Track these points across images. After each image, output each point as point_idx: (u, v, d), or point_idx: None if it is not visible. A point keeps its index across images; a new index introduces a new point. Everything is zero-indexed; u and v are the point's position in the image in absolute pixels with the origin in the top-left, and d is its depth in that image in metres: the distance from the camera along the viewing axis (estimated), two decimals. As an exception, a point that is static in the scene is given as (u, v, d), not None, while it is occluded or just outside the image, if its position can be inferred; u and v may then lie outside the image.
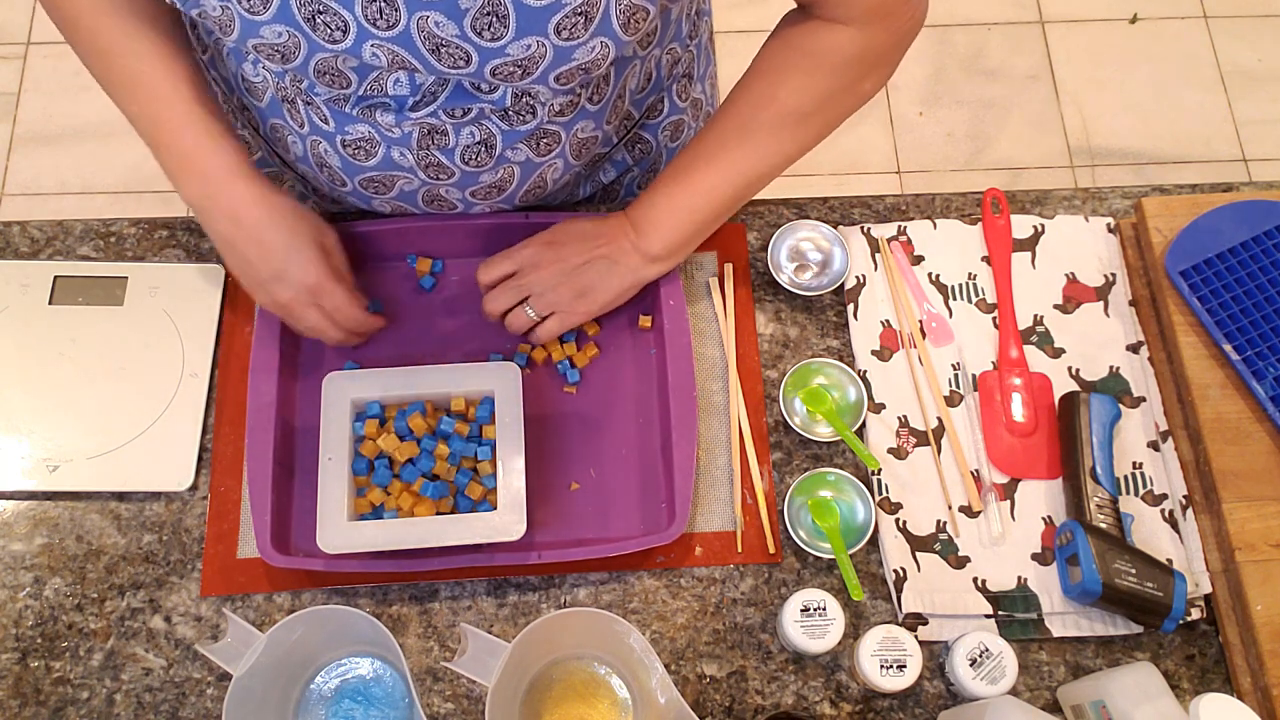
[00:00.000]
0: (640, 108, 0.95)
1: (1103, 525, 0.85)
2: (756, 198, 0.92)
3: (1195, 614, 0.85)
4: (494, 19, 0.66)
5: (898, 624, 0.84)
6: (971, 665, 0.80)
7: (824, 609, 0.81)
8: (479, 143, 0.81)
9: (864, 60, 0.80)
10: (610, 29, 0.69)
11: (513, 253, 0.90)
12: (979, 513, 0.89)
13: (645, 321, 0.94)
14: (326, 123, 0.80)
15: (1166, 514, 0.88)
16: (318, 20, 0.67)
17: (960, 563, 0.87)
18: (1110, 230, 0.99)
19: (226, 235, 0.82)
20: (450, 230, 0.94)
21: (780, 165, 0.86)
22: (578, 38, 0.69)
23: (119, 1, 0.78)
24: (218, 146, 0.79)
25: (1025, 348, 0.95)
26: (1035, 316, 0.96)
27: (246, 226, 0.81)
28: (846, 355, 0.95)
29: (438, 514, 0.83)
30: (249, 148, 0.97)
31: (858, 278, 0.97)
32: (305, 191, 1.04)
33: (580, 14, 0.67)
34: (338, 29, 0.68)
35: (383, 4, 0.66)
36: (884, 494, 0.89)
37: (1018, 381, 0.93)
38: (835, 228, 0.97)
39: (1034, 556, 0.88)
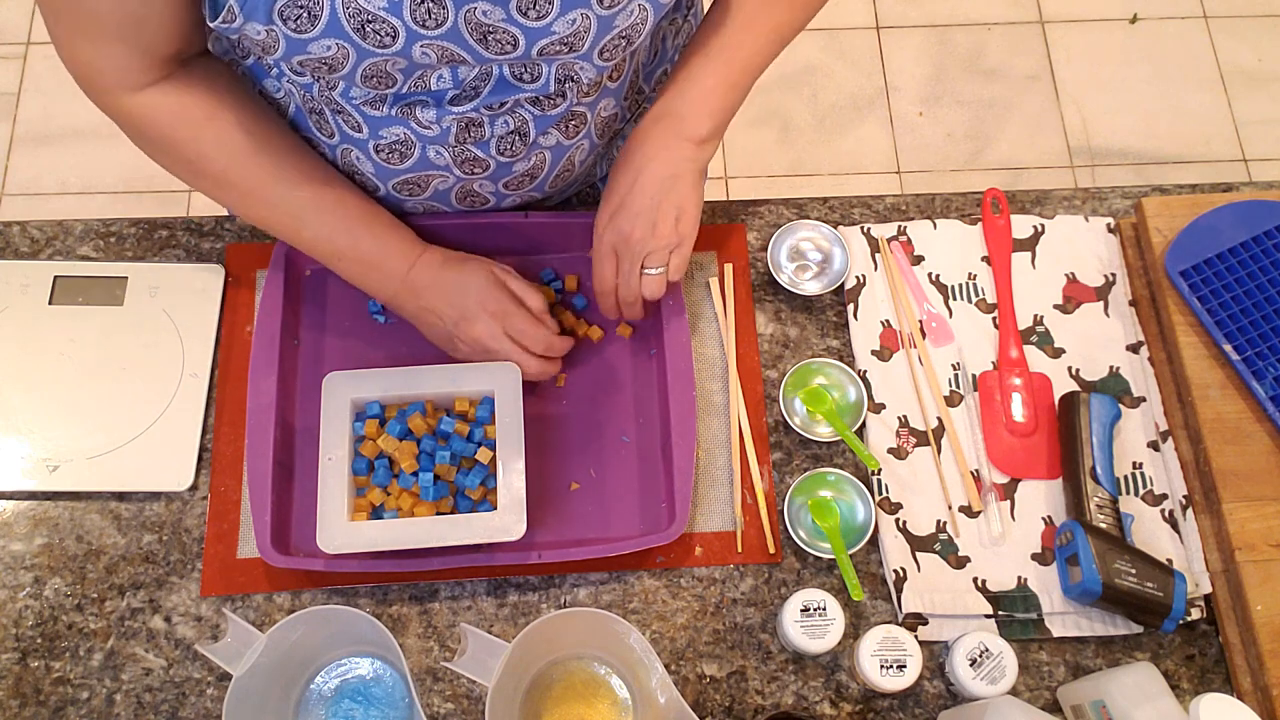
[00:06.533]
0: (650, 81, 0.96)
1: (1103, 525, 0.85)
2: (756, 197, 0.92)
3: (1195, 614, 0.85)
4: None
5: (898, 624, 0.84)
6: (971, 665, 0.80)
7: (824, 609, 0.81)
8: (513, 131, 0.81)
9: None
10: None
11: (601, 245, 0.86)
12: (979, 513, 0.89)
13: (625, 330, 0.95)
14: (359, 130, 0.80)
15: (1166, 514, 0.88)
16: (367, 29, 0.67)
17: (960, 563, 0.87)
18: (1110, 230, 0.99)
19: (422, 306, 0.87)
20: (450, 230, 0.94)
21: (809, 19, 0.84)
22: (619, 3, 0.69)
23: (257, 147, 0.80)
24: (387, 243, 0.87)
25: (1025, 348, 0.95)
26: (1035, 316, 0.96)
27: (434, 291, 0.86)
28: (846, 355, 0.95)
29: (438, 514, 0.83)
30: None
31: (858, 278, 0.97)
32: None
33: None
34: (387, 35, 0.67)
35: (431, 4, 0.66)
36: (884, 494, 0.89)
37: (1018, 381, 0.93)
38: (835, 228, 0.97)
39: (1034, 556, 0.88)
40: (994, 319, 0.96)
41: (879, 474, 0.90)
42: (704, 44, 0.83)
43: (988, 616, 0.86)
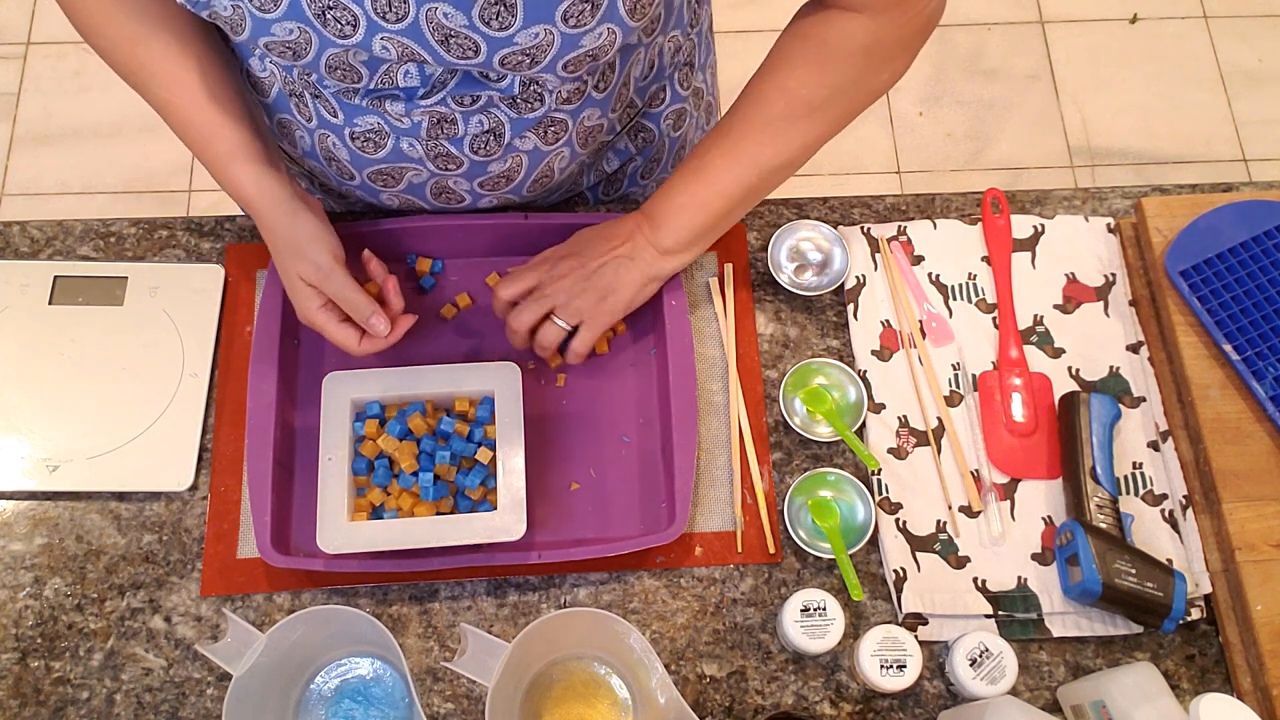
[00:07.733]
0: (643, 96, 0.96)
1: (1103, 525, 0.85)
2: (756, 198, 0.92)
3: (1195, 614, 0.85)
4: (502, 8, 0.66)
5: (898, 624, 0.84)
6: (971, 665, 0.80)
7: (824, 609, 0.81)
8: (487, 131, 0.81)
9: (874, 51, 0.80)
10: (617, 15, 0.70)
11: (532, 266, 0.89)
12: (979, 513, 0.89)
13: (619, 327, 0.95)
14: (335, 115, 0.80)
15: (1166, 514, 0.88)
16: (328, 16, 0.67)
17: (960, 563, 0.87)
18: (1110, 230, 0.99)
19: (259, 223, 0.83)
20: (450, 230, 0.94)
21: (796, 159, 0.86)
22: (585, 25, 0.69)
23: (135, 12, 0.78)
24: (230, 137, 0.80)
25: (1025, 348, 0.95)
26: (1035, 316, 0.96)
27: (266, 231, 0.83)
28: (846, 355, 0.95)
29: (438, 514, 0.83)
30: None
31: (858, 278, 0.97)
32: (312, 187, 1.04)
33: (587, 1, 0.67)
34: (348, 24, 0.68)
35: None
36: (884, 494, 0.89)
37: (1018, 381, 0.93)
38: (835, 228, 0.97)
39: (1034, 556, 0.88)
40: (994, 319, 0.96)
41: (879, 474, 0.90)
42: (688, 163, 0.87)
43: (988, 616, 0.86)
